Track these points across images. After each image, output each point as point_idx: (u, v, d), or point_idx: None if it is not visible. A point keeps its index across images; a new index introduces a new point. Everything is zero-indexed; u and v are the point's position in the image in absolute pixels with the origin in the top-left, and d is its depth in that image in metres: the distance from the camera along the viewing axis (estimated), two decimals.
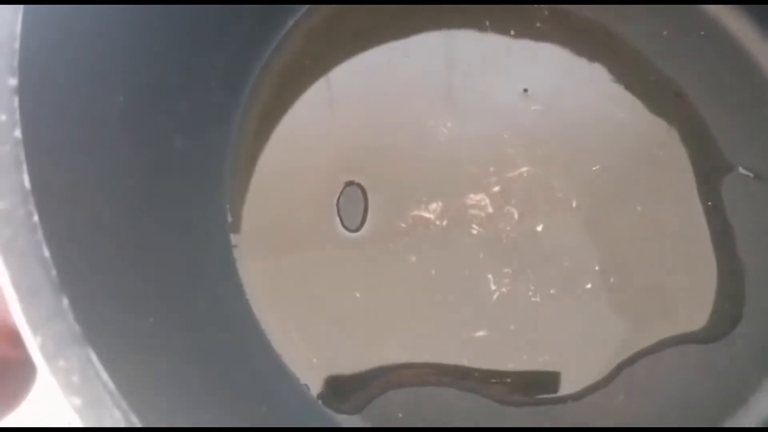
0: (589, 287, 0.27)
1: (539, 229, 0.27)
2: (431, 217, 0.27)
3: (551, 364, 0.27)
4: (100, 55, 0.19)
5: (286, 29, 0.28)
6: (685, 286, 0.28)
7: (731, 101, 0.28)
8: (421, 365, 0.27)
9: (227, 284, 0.26)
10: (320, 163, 0.28)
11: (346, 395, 0.27)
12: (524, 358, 0.27)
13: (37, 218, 0.15)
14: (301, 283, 0.27)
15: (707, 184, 0.28)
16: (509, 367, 0.27)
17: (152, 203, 0.22)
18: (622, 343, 0.27)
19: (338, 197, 0.27)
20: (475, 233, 0.27)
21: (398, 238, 0.27)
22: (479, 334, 0.27)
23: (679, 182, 0.28)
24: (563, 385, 0.27)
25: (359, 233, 0.27)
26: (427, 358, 0.27)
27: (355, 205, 0.27)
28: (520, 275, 0.27)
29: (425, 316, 0.27)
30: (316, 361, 0.27)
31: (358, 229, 0.27)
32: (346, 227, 0.27)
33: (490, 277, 0.27)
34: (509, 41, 0.28)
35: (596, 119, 0.28)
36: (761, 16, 0.28)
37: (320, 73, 0.28)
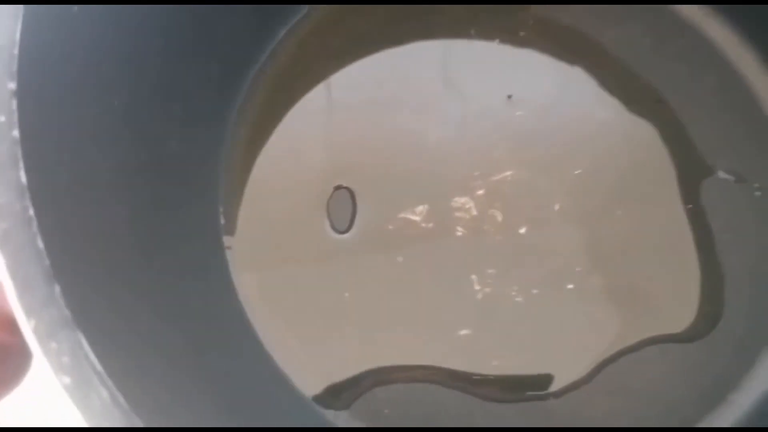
0: (571, 288, 0.28)
1: (523, 231, 0.28)
2: (418, 219, 0.28)
3: (534, 362, 0.27)
4: (95, 60, 0.20)
5: (280, 35, 0.29)
6: (668, 287, 0.28)
7: (711, 106, 0.29)
8: (409, 367, 0.28)
9: (220, 284, 0.27)
10: (311, 167, 0.29)
11: (334, 392, 0.27)
12: (507, 356, 0.27)
13: (32, 212, 0.16)
14: (291, 282, 0.28)
15: (688, 187, 0.29)
16: (493, 365, 0.27)
17: (145, 203, 0.23)
18: (604, 342, 0.28)
19: (328, 200, 0.28)
20: (460, 235, 0.28)
21: (386, 239, 0.28)
22: (464, 332, 0.28)
23: (661, 185, 0.29)
24: (545, 383, 0.27)
25: (348, 235, 0.28)
26: (413, 355, 0.27)
27: (344, 207, 0.28)
28: (503, 276, 0.28)
29: (411, 315, 0.28)
30: (305, 358, 0.28)
31: (347, 230, 0.28)
32: (335, 229, 0.28)
33: (474, 277, 0.28)
34: (494, 48, 0.29)
35: (579, 124, 0.29)
36: (742, 22, 0.29)
37: (313, 79, 0.29)
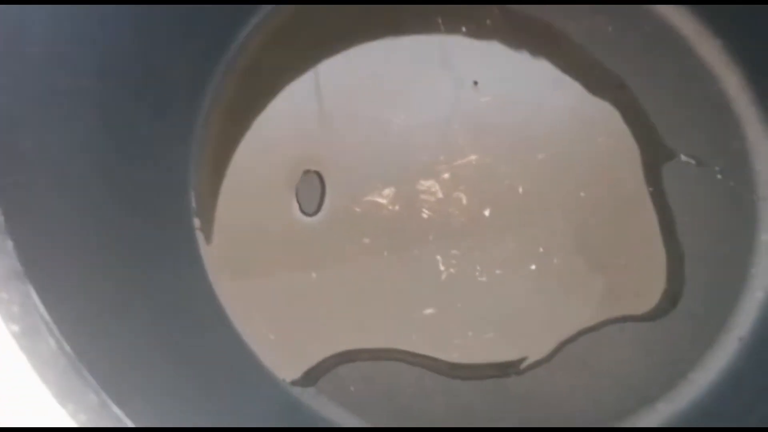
0: (534, 268, 0.28)
1: (486, 213, 0.29)
2: (384, 202, 0.29)
3: (496, 341, 0.28)
4: (58, 41, 0.21)
5: (247, 31, 0.30)
6: (631, 268, 0.29)
7: (673, 92, 0.30)
8: (374, 347, 0.28)
9: (189, 262, 0.28)
10: (280, 152, 0.29)
11: (300, 369, 0.28)
12: (470, 335, 0.28)
13: None
14: (260, 263, 0.29)
15: (650, 170, 0.29)
16: (456, 343, 0.28)
17: (117, 181, 0.24)
18: (564, 321, 0.28)
19: (297, 184, 0.29)
20: (425, 217, 0.29)
21: (353, 221, 0.29)
22: (428, 311, 0.28)
23: (624, 168, 0.29)
24: (507, 361, 0.28)
25: (316, 217, 0.29)
26: (378, 334, 0.28)
27: (312, 191, 0.29)
28: (467, 256, 0.28)
29: (377, 294, 0.28)
30: (273, 337, 0.28)
31: (315, 213, 0.29)
32: (304, 212, 0.29)
33: (439, 258, 0.28)
34: (460, 37, 0.30)
35: (541, 110, 0.30)
36: (703, 11, 0.30)
37: (280, 72, 0.30)
